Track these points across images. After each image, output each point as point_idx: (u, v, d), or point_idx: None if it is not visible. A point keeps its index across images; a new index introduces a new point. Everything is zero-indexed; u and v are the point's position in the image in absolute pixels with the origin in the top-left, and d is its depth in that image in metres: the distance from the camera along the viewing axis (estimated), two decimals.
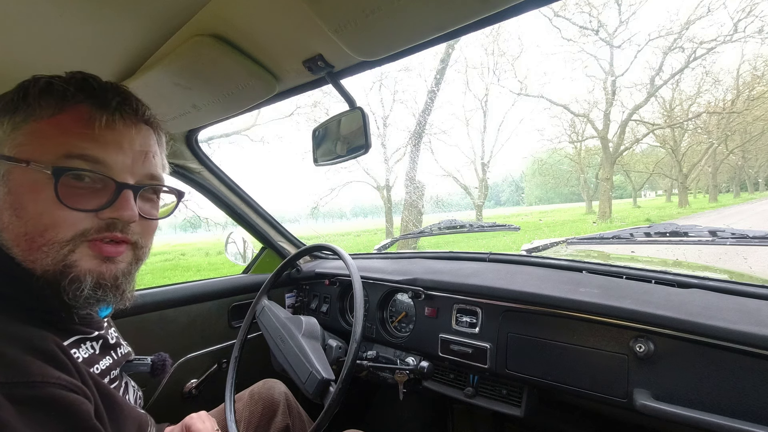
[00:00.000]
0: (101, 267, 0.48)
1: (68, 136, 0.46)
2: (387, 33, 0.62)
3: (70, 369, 0.43)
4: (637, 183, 21.16)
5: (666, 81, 12.39)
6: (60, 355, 0.43)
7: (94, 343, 0.53)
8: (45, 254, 0.45)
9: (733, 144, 17.10)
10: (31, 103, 0.46)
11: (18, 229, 0.45)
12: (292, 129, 20.56)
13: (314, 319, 1.07)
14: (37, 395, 0.38)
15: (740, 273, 1.09)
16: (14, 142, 0.45)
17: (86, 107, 0.47)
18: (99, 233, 0.47)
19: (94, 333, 0.54)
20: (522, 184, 25.60)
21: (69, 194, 0.45)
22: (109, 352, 0.56)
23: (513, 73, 12.70)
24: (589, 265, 1.09)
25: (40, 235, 0.45)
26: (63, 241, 0.45)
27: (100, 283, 0.48)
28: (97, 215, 0.47)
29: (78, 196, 0.46)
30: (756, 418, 0.65)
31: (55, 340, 0.44)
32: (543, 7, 0.60)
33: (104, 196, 0.47)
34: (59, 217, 0.45)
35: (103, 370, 0.53)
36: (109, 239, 0.48)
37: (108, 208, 0.47)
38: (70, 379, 0.42)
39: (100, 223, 0.47)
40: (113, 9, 0.61)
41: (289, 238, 1.66)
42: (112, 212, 0.47)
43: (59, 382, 0.41)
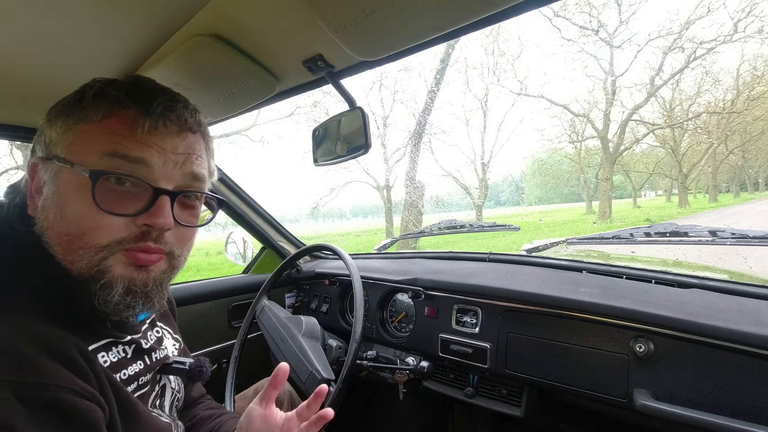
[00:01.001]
0: (133, 274, 0.48)
1: (111, 138, 0.46)
2: (387, 33, 0.62)
3: (87, 374, 0.43)
4: (637, 183, 21.17)
5: (666, 81, 12.40)
6: (79, 359, 0.42)
7: (126, 347, 0.52)
8: (81, 257, 0.45)
9: (733, 144, 17.12)
10: (84, 106, 0.47)
11: (61, 228, 0.46)
12: (292, 129, 20.60)
13: (314, 319, 1.08)
14: (47, 398, 0.38)
15: (740, 273, 1.09)
16: (65, 143, 0.47)
17: (133, 112, 0.47)
18: (135, 242, 0.47)
19: (127, 337, 0.53)
20: (522, 184, 25.61)
21: (107, 198, 0.45)
22: (142, 357, 0.55)
23: (513, 73, 12.75)
24: (589, 265, 1.09)
25: (79, 237, 0.45)
26: (99, 246, 0.45)
27: (130, 289, 0.47)
28: (133, 221, 0.47)
29: (115, 201, 0.46)
30: (756, 418, 0.65)
31: (77, 343, 0.44)
32: (543, 7, 0.60)
33: (141, 201, 0.47)
34: (98, 222, 0.45)
35: (131, 376, 0.52)
36: (145, 250, 0.48)
37: (143, 213, 0.47)
38: (85, 385, 0.42)
39: (136, 231, 0.47)
40: (113, 9, 0.61)
41: (289, 238, 1.66)
42: (146, 218, 0.47)
43: (72, 387, 0.40)
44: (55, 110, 0.49)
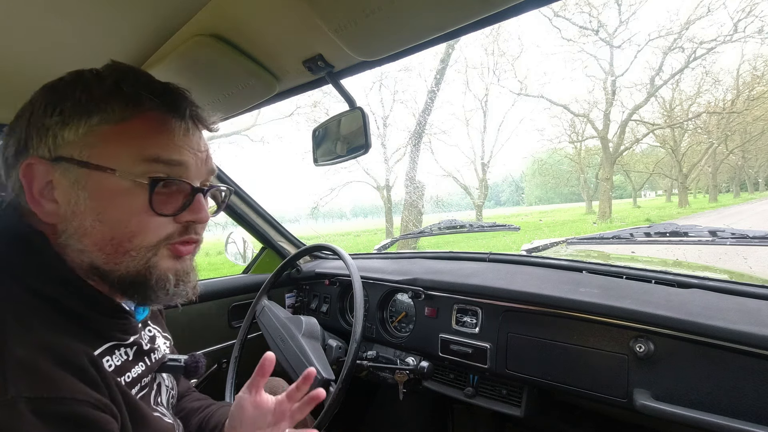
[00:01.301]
0: (177, 265, 0.51)
1: (146, 142, 0.47)
2: (387, 33, 0.62)
3: (99, 385, 0.43)
4: (637, 183, 21.18)
5: (666, 81, 12.40)
6: (91, 369, 0.43)
7: (128, 350, 0.52)
8: (132, 258, 0.47)
9: (733, 144, 17.12)
10: (101, 106, 0.46)
11: (103, 234, 0.46)
12: (292, 129, 20.61)
13: (314, 319, 1.08)
14: (64, 412, 0.38)
15: (740, 273, 1.09)
16: (87, 146, 0.45)
17: (159, 113, 0.48)
18: (180, 236, 0.51)
19: (130, 339, 0.53)
20: (522, 184, 25.61)
21: (156, 201, 0.47)
22: (143, 359, 0.55)
23: (513, 73, 12.74)
24: (589, 265, 1.09)
25: (129, 240, 0.46)
26: (149, 246, 0.48)
27: (179, 279, 0.52)
28: (175, 218, 0.50)
29: (161, 203, 0.48)
30: (756, 418, 0.65)
31: (87, 352, 0.44)
32: (543, 7, 0.60)
33: (180, 200, 0.50)
34: (147, 223, 0.47)
35: (134, 378, 0.52)
36: (186, 242, 0.52)
37: (186, 210, 0.50)
38: (99, 397, 0.42)
39: (179, 227, 0.50)
40: (113, 9, 0.61)
41: (289, 238, 1.66)
42: (189, 215, 0.51)
43: (88, 400, 0.40)
44: (63, 106, 0.45)
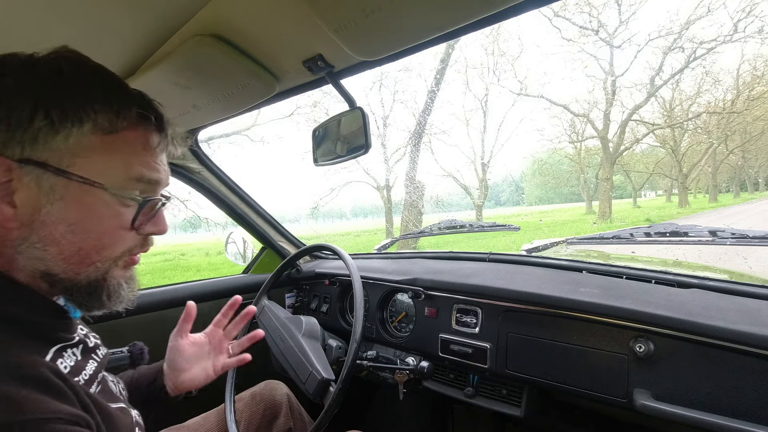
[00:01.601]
0: (127, 273, 0.52)
1: (134, 159, 0.48)
2: (387, 33, 0.62)
3: (67, 395, 0.41)
4: (637, 183, 21.17)
5: (666, 81, 12.40)
6: (54, 380, 0.41)
7: (76, 350, 0.50)
8: (96, 269, 0.47)
9: (733, 144, 17.11)
10: (91, 115, 0.44)
11: (72, 244, 0.45)
12: (292, 129, 20.60)
13: (314, 319, 1.08)
14: None
15: (740, 273, 1.09)
16: (71, 155, 0.43)
17: (146, 131, 0.49)
18: (141, 248, 0.52)
19: (75, 338, 0.51)
20: (522, 184, 25.60)
21: (132, 217, 0.48)
22: (91, 356, 0.53)
23: (513, 73, 12.69)
24: (589, 265, 1.09)
25: (97, 252, 0.46)
26: (114, 258, 0.48)
27: (130, 287, 0.52)
28: (138, 231, 0.50)
29: (132, 217, 0.49)
30: (756, 418, 0.65)
31: (45, 363, 0.42)
32: (543, 7, 0.60)
33: (146, 213, 0.50)
34: (119, 237, 0.48)
35: (90, 376, 0.50)
36: (143, 252, 0.53)
37: (149, 223, 0.51)
38: (70, 410, 0.40)
39: (140, 239, 0.51)
40: (113, 9, 0.61)
41: (289, 238, 1.66)
42: (153, 227, 0.52)
43: (58, 416, 0.38)
44: (49, 107, 0.42)
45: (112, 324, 1.13)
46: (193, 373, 0.78)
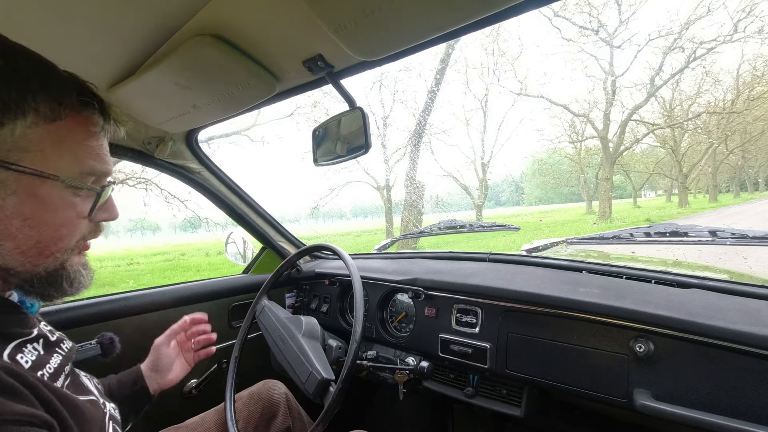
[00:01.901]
0: (83, 259, 0.53)
1: (82, 150, 0.47)
2: (387, 33, 0.62)
3: (22, 394, 0.39)
4: (637, 183, 21.16)
5: (666, 81, 12.39)
6: (8, 380, 0.39)
7: (36, 344, 0.49)
8: (55, 259, 0.47)
9: (733, 144, 17.10)
10: (31, 104, 0.43)
11: (29, 237, 0.45)
12: (292, 129, 20.59)
13: (314, 319, 1.07)
14: None
15: (740, 273, 1.09)
16: (18, 149, 0.42)
17: (89, 115, 0.48)
18: (93, 235, 0.53)
19: (33, 332, 0.49)
20: (522, 184, 25.58)
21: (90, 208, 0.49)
22: (55, 350, 0.52)
23: (513, 73, 12.71)
24: (589, 265, 1.09)
25: (54, 243, 0.47)
26: (70, 247, 0.49)
27: (87, 273, 0.53)
28: (92, 219, 0.51)
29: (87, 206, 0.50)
30: (756, 418, 0.65)
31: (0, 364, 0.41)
32: (543, 7, 0.60)
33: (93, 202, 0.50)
34: (77, 227, 0.49)
35: (56, 369, 0.49)
36: (95, 238, 0.54)
37: (101, 210, 0.52)
38: (25, 409, 0.38)
39: (92, 225, 0.52)
40: (113, 9, 0.61)
41: (289, 238, 1.66)
42: (105, 214, 0.53)
43: (14, 418, 0.37)
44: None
45: (111, 324, 1.13)
46: (176, 372, 0.87)
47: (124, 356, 0.87)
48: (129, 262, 10.32)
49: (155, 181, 8.47)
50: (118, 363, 0.86)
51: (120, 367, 0.84)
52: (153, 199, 8.67)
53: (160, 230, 25.62)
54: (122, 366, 0.84)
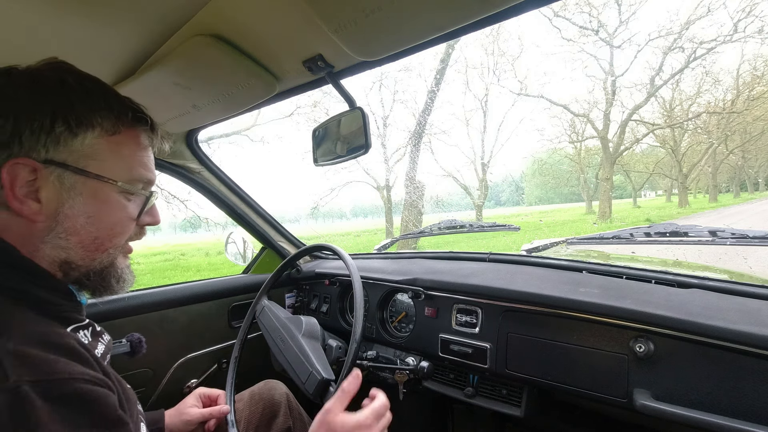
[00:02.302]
0: (127, 261, 0.60)
1: (134, 160, 0.55)
2: (387, 33, 0.62)
3: (91, 363, 0.45)
4: (637, 183, 21.17)
5: (666, 81, 12.39)
6: (79, 349, 0.45)
7: (86, 331, 0.54)
8: (108, 255, 0.54)
9: (733, 144, 17.10)
10: (98, 119, 0.50)
11: (89, 233, 0.51)
12: (292, 129, 20.58)
13: (314, 319, 1.07)
14: (65, 391, 0.40)
15: (740, 273, 1.09)
16: (86, 156, 0.50)
17: (140, 131, 0.56)
18: (137, 236, 0.60)
19: (85, 320, 0.56)
20: (522, 184, 25.58)
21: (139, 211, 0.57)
22: (99, 339, 0.57)
23: (513, 73, 12.70)
24: (589, 265, 1.09)
25: (110, 239, 0.54)
26: (120, 245, 0.56)
27: (130, 274, 0.60)
28: (138, 222, 0.58)
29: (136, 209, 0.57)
30: (756, 418, 0.65)
31: (71, 334, 0.47)
32: (543, 7, 0.60)
33: (141, 205, 0.57)
34: (128, 227, 0.56)
35: (101, 355, 0.54)
36: (138, 240, 0.60)
37: (146, 215, 0.59)
38: (94, 374, 0.44)
39: (137, 228, 0.59)
40: (113, 9, 0.61)
41: (289, 238, 1.66)
42: (150, 218, 0.60)
43: (84, 377, 0.42)
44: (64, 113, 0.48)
45: (113, 323, 1.13)
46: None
47: (124, 356, 0.87)
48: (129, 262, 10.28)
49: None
50: (119, 361, 0.86)
51: (122, 367, 0.84)
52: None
53: (160, 230, 25.64)
54: (123, 365, 0.84)
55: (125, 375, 1.14)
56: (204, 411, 0.89)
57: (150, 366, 1.22)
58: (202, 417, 0.88)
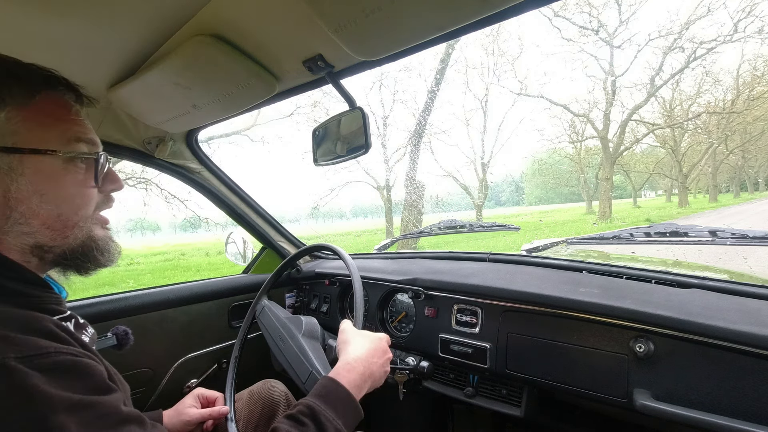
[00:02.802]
0: (107, 233, 0.57)
1: (66, 122, 0.51)
2: (387, 33, 0.62)
3: (72, 342, 0.45)
4: (637, 183, 21.17)
5: (666, 81, 12.39)
6: (59, 332, 0.44)
7: (69, 323, 0.53)
8: (80, 229, 0.52)
9: (733, 144, 17.10)
10: (6, 93, 0.47)
11: (50, 212, 0.49)
12: (292, 129, 20.55)
13: (314, 319, 1.07)
14: (55, 362, 0.40)
15: (740, 273, 1.09)
16: (11, 133, 0.47)
17: (58, 93, 0.52)
18: (106, 204, 0.56)
19: (67, 312, 0.54)
20: (522, 184, 25.58)
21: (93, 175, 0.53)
22: (83, 331, 0.56)
23: (513, 73, 12.68)
24: (589, 265, 1.09)
25: (75, 213, 0.51)
26: (89, 216, 0.53)
27: (115, 245, 0.57)
28: (100, 190, 0.55)
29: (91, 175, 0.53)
30: (756, 418, 0.65)
31: (50, 319, 0.45)
32: (543, 7, 0.60)
33: (102, 173, 0.54)
34: (88, 195, 0.53)
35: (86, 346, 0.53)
36: (108, 208, 0.57)
37: (107, 181, 0.56)
38: (78, 349, 0.44)
39: (101, 196, 0.56)
40: (113, 9, 0.61)
41: (289, 238, 1.66)
42: (112, 184, 0.57)
43: (70, 351, 0.42)
44: None
45: (113, 323, 1.13)
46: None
47: (124, 355, 0.87)
48: (129, 262, 10.31)
49: (155, 181, 8.48)
50: (119, 361, 0.86)
51: (122, 366, 0.83)
52: (153, 199, 8.68)
53: (160, 230, 25.62)
54: (123, 365, 0.84)
55: (125, 375, 1.14)
56: (203, 411, 0.89)
57: (150, 366, 1.22)
58: (201, 417, 0.88)
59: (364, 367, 0.70)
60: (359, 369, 0.69)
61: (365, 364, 0.71)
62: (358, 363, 0.70)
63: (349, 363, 0.70)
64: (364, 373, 0.70)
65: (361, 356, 0.72)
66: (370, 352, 0.74)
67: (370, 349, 0.75)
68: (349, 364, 0.70)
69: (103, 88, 0.87)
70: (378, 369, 0.74)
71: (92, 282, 7.51)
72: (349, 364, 0.70)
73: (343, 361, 0.71)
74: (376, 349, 0.76)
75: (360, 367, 0.70)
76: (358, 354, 0.73)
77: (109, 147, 1.14)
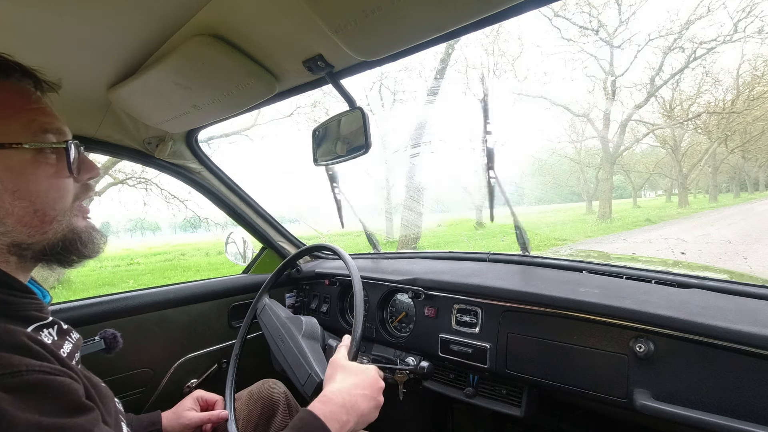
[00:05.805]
0: (89, 223, 0.54)
1: (27, 112, 0.49)
2: (387, 33, 0.62)
3: (48, 358, 0.43)
4: (637, 183, 21.15)
5: (666, 81, 12.39)
6: (34, 347, 0.42)
7: (51, 330, 0.51)
8: (58, 223, 0.50)
9: (733, 144, 17.08)
10: None
11: (26, 209, 0.47)
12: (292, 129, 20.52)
13: (314, 319, 1.07)
14: (26, 381, 0.38)
15: (740, 273, 1.09)
16: None
17: (15, 81, 0.50)
18: (85, 194, 0.54)
19: (49, 318, 0.52)
20: (522, 184, 25.57)
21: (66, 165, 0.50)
22: (66, 337, 0.54)
23: (513, 74, 12.68)
24: (589, 265, 1.09)
25: (52, 207, 0.49)
26: (68, 208, 0.51)
27: (99, 235, 0.55)
28: (76, 179, 0.52)
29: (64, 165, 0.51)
30: (756, 418, 0.65)
31: (24, 332, 0.43)
32: (543, 7, 0.60)
33: (75, 163, 0.52)
34: (64, 186, 0.50)
35: (68, 354, 0.51)
36: (90, 198, 0.55)
37: (83, 171, 0.53)
38: (53, 366, 0.42)
39: (79, 186, 0.53)
40: (113, 9, 0.61)
41: (289, 238, 1.66)
42: (88, 173, 0.54)
43: (43, 369, 0.40)
44: None
45: (111, 324, 1.13)
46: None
47: (124, 356, 0.87)
48: (129, 262, 10.31)
49: (155, 181, 8.47)
50: (119, 362, 0.86)
51: (122, 367, 0.83)
52: (153, 199, 8.68)
53: (160, 230, 25.62)
54: (123, 365, 0.84)
55: (125, 375, 1.14)
56: (202, 415, 0.89)
57: (150, 366, 1.22)
58: (200, 421, 0.88)
59: (344, 399, 0.68)
60: (336, 401, 0.67)
61: (345, 396, 0.69)
62: (335, 395, 0.68)
63: (325, 395, 0.68)
64: (345, 404, 0.67)
65: (341, 388, 0.70)
66: (352, 384, 0.72)
67: (352, 382, 0.73)
68: (325, 396, 0.68)
69: (103, 88, 0.87)
70: (363, 401, 0.71)
71: (92, 282, 7.52)
72: (325, 396, 0.68)
73: (321, 394, 0.70)
74: (360, 381, 0.74)
75: (338, 399, 0.67)
76: (338, 386, 0.71)
77: (109, 147, 1.14)
